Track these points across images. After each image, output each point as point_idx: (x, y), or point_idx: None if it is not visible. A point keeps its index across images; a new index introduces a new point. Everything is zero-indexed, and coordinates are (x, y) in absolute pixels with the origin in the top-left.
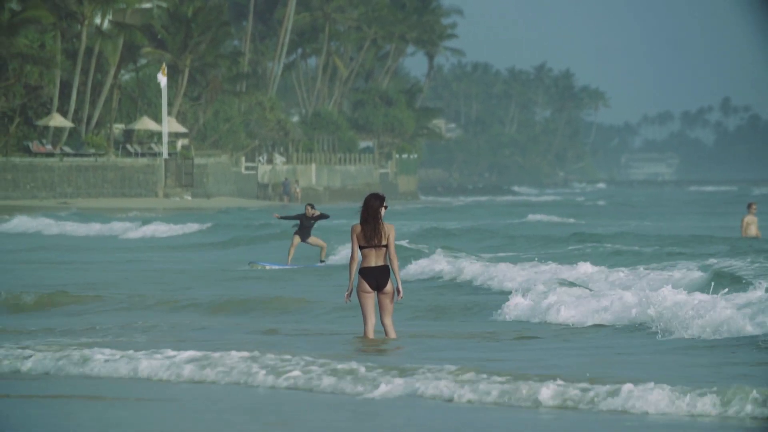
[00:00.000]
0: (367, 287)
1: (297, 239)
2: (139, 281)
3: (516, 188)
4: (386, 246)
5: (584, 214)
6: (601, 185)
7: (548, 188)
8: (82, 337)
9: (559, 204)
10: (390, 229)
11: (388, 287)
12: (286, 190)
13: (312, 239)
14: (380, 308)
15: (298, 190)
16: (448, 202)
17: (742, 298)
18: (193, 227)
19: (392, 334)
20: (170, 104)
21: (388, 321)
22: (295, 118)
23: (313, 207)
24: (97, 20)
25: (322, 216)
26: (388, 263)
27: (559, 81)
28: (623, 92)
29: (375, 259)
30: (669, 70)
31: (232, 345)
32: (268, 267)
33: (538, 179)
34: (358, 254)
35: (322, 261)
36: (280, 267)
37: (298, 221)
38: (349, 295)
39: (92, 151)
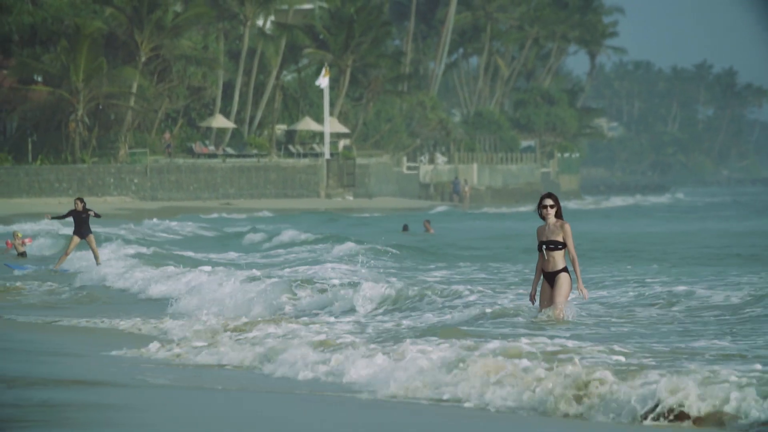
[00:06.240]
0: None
1: (76, 239)
2: None
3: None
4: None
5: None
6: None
7: (713, 187)
8: None
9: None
10: None
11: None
12: (456, 189)
13: (90, 238)
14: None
15: (467, 189)
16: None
17: None
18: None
19: None
20: (332, 104)
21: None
22: (457, 118)
23: (82, 201)
24: (260, 21)
25: (96, 214)
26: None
27: (722, 79)
28: None
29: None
30: None
31: None
32: (17, 272)
33: (701, 178)
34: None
35: (98, 264)
36: (32, 269)
37: (73, 219)
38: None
39: (254, 151)
